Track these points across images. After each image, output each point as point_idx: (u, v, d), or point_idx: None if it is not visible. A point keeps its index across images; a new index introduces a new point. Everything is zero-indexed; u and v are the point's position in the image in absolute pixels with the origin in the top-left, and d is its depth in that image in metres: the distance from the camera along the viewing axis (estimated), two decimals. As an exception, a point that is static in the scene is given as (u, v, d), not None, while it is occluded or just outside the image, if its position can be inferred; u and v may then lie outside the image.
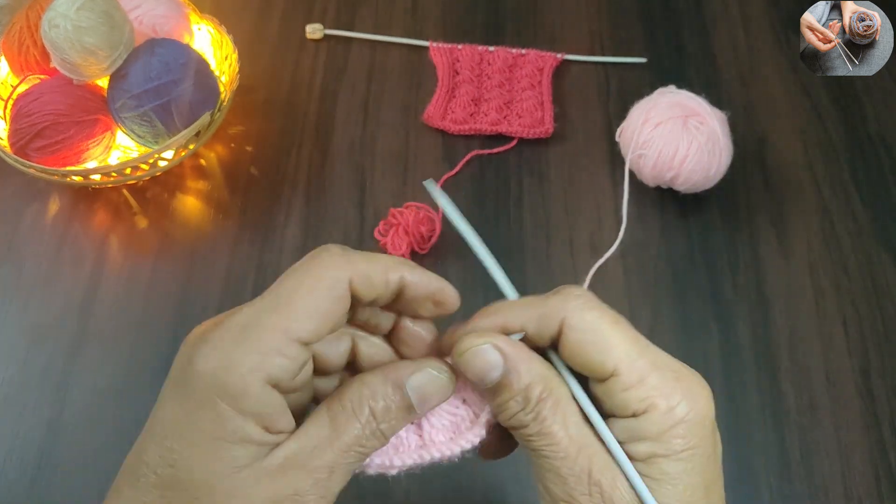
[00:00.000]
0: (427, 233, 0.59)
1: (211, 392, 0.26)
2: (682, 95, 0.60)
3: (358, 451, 0.28)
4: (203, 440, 0.26)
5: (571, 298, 0.29)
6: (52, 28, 0.55)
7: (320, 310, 0.28)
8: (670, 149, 0.58)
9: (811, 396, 0.55)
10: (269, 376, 0.26)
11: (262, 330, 0.27)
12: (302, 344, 0.27)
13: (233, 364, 0.26)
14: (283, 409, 0.27)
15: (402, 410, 0.29)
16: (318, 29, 0.73)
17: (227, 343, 0.27)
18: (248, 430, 0.26)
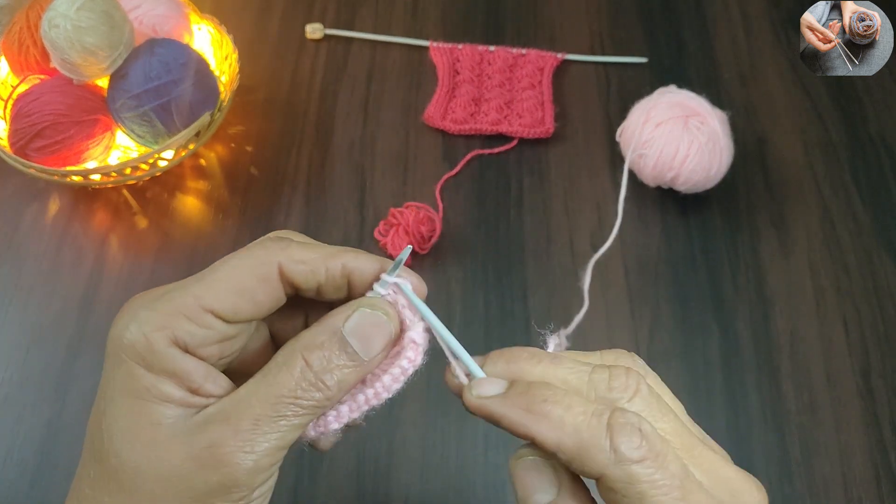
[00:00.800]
0: (427, 233, 0.59)
1: (120, 351, 0.27)
2: (682, 95, 0.60)
3: (294, 402, 0.26)
4: (120, 397, 0.27)
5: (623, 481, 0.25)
6: (52, 28, 0.55)
7: (240, 286, 0.28)
8: (671, 149, 0.58)
9: (811, 396, 0.55)
10: (175, 338, 0.27)
11: (176, 296, 0.27)
12: (216, 316, 0.27)
13: (139, 324, 0.27)
14: (207, 373, 0.27)
15: (345, 357, 0.27)
16: (318, 29, 0.73)
17: (140, 307, 0.27)
18: (165, 388, 0.26)
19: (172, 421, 0.26)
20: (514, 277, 0.60)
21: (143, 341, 0.26)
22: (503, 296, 0.59)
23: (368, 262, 0.30)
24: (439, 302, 0.59)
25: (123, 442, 0.26)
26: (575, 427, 0.25)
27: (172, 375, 0.27)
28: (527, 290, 0.59)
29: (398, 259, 0.29)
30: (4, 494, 0.51)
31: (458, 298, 0.59)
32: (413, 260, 0.60)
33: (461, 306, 0.58)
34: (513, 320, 0.58)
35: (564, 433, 0.25)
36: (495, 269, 0.60)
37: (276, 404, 0.26)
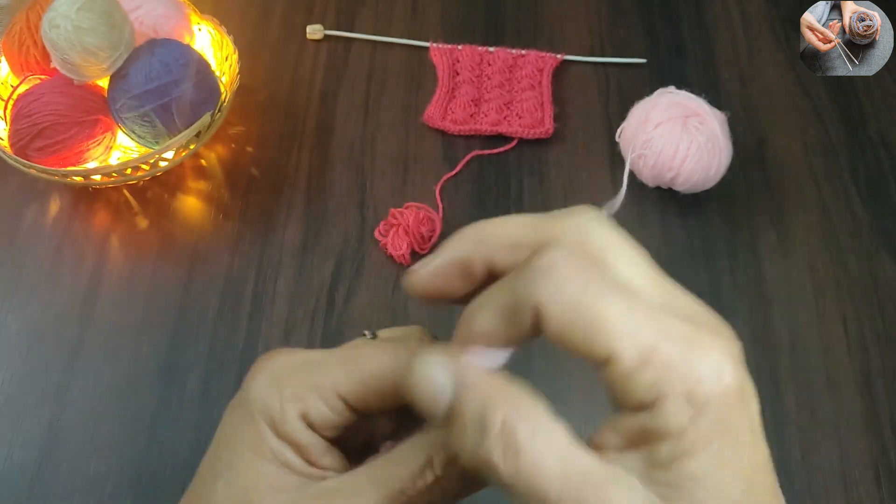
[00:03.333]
0: (427, 233, 0.59)
1: (254, 409, 0.27)
2: (681, 96, 0.60)
3: (404, 497, 0.26)
4: (247, 453, 0.27)
5: (540, 274, 0.22)
6: (52, 28, 0.55)
7: (378, 389, 0.27)
8: (670, 148, 0.58)
9: (811, 396, 0.55)
10: (306, 412, 0.27)
11: (316, 373, 0.27)
12: (346, 404, 0.27)
13: (278, 388, 0.27)
14: (325, 448, 0.27)
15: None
16: (318, 29, 0.73)
17: (281, 372, 0.27)
18: (287, 455, 0.27)
19: (291, 489, 0.26)
20: (514, 277, 0.60)
21: (278, 408, 0.27)
22: (503, 296, 0.59)
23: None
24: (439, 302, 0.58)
25: (241, 499, 0.26)
26: (503, 295, 0.23)
27: (296, 446, 0.27)
28: (527, 290, 0.59)
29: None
30: (5, 494, 0.51)
31: (459, 298, 0.59)
32: (413, 260, 0.60)
33: (461, 306, 0.58)
34: (513, 320, 0.58)
35: (500, 312, 0.23)
36: (495, 269, 0.60)
37: (387, 495, 0.26)
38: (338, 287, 0.59)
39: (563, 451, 0.21)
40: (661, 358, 0.21)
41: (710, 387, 0.21)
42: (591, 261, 0.23)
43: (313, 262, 0.61)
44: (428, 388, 0.23)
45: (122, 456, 0.52)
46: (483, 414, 0.22)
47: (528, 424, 0.21)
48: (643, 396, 0.21)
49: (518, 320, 0.23)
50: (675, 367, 0.21)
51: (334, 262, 0.61)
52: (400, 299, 0.59)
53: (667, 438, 0.21)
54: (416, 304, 0.58)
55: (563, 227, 0.24)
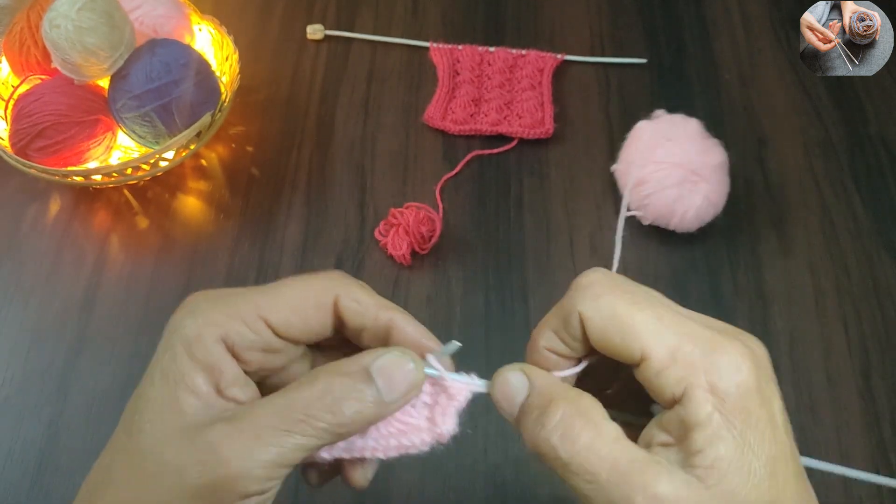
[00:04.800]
0: (427, 233, 0.59)
1: (173, 336, 0.28)
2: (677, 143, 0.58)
3: (303, 420, 0.26)
4: (159, 378, 0.28)
5: (581, 290, 0.28)
6: (52, 28, 0.55)
7: (297, 305, 0.30)
8: (667, 211, 0.58)
9: (811, 396, 0.55)
10: (225, 335, 0.28)
11: (237, 300, 0.29)
12: (269, 327, 0.29)
13: (195, 316, 0.28)
14: (238, 377, 0.29)
15: (367, 391, 0.28)
16: (318, 29, 0.73)
17: (203, 302, 0.29)
18: (196, 380, 0.28)
19: (192, 412, 0.27)
20: (514, 277, 0.60)
21: (195, 331, 0.28)
22: (503, 296, 0.59)
23: (414, 328, 0.31)
24: (439, 302, 0.59)
25: (148, 421, 0.27)
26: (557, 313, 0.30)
27: (208, 369, 0.28)
28: (527, 290, 0.59)
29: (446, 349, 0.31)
30: (5, 494, 0.51)
31: (458, 298, 0.59)
32: (413, 260, 0.60)
33: (461, 306, 0.59)
34: (513, 320, 0.58)
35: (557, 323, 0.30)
36: (495, 269, 0.60)
37: (285, 418, 0.26)
38: (338, 287, 0.59)
39: (614, 441, 0.26)
40: (685, 356, 0.26)
41: (730, 379, 0.25)
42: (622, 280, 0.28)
43: (313, 262, 0.61)
44: (507, 390, 0.29)
45: (123, 456, 0.52)
46: (547, 407, 0.27)
47: (585, 418, 0.26)
48: (674, 390, 0.26)
49: (569, 331, 0.29)
50: (699, 364, 0.26)
51: (334, 261, 0.61)
52: (400, 299, 0.59)
53: (697, 427, 0.25)
54: (417, 304, 0.58)
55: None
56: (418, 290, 0.59)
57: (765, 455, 0.25)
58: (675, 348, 0.26)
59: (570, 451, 0.26)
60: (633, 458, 0.25)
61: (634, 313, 0.27)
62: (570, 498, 0.54)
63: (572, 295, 0.29)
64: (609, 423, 0.26)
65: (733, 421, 0.25)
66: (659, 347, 0.26)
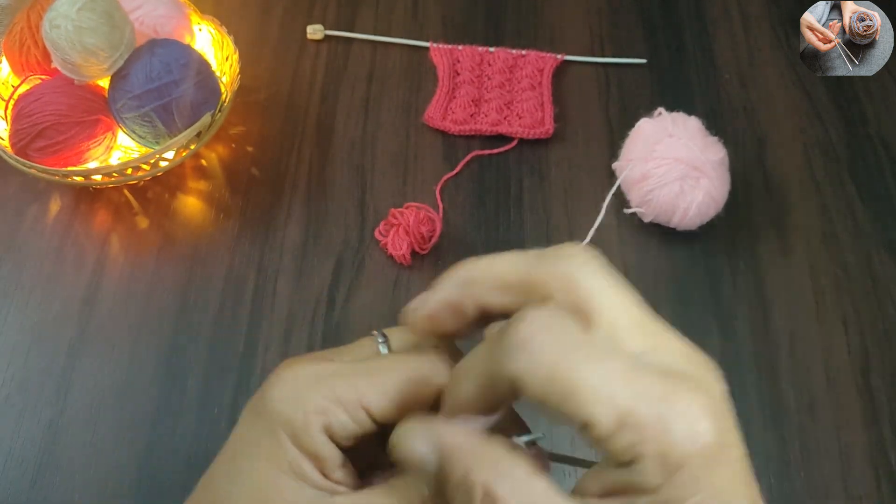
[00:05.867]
0: (427, 233, 0.59)
1: (276, 420, 0.27)
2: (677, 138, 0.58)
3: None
4: (264, 464, 0.27)
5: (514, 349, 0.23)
6: (53, 28, 0.55)
7: (398, 399, 0.28)
8: (668, 209, 0.58)
9: (811, 396, 0.55)
10: (328, 425, 0.27)
11: (339, 384, 0.27)
12: (369, 415, 0.28)
13: (301, 401, 0.27)
14: (341, 461, 0.28)
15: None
16: (318, 30, 0.73)
17: (304, 381, 0.28)
18: (304, 466, 0.27)
19: (306, 501, 0.27)
20: (514, 277, 0.60)
21: (301, 420, 0.27)
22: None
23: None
24: (439, 302, 0.59)
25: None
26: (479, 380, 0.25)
27: (315, 458, 0.27)
28: (527, 290, 0.59)
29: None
30: (5, 494, 0.51)
31: (459, 298, 0.59)
32: (413, 260, 0.60)
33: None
34: (513, 320, 0.58)
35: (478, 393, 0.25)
36: (495, 269, 0.60)
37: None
38: (338, 287, 0.59)
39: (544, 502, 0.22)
40: (636, 421, 0.22)
41: (686, 447, 0.22)
42: (569, 320, 0.24)
43: (313, 262, 0.61)
44: (412, 458, 0.25)
45: (122, 456, 0.52)
46: (466, 480, 0.23)
47: (508, 484, 0.23)
48: (621, 457, 0.22)
49: (497, 391, 0.25)
50: (650, 429, 0.22)
51: (334, 262, 0.61)
52: (400, 299, 0.59)
53: (644, 493, 0.22)
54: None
55: (551, 272, 0.25)
56: (418, 290, 0.59)
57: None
58: (625, 412, 0.22)
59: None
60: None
61: (577, 374, 0.23)
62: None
63: (506, 351, 0.23)
64: (535, 479, 0.23)
65: (684, 493, 0.22)
66: (604, 413, 0.22)
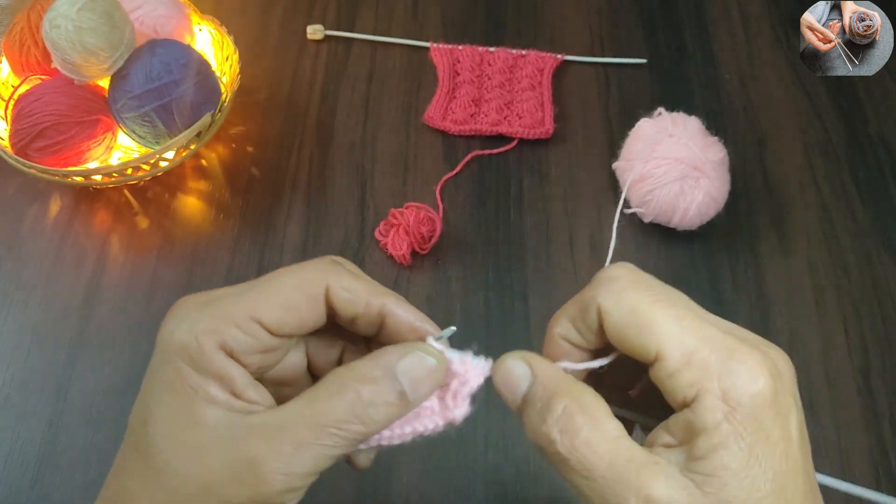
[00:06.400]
0: (427, 233, 0.59)
1: (170, 349, 0.28)
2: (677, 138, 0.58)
3: (336, 433, 0.27)
4: (167, 394, 0.27)
5: (604, 283, 0.28)
6: (53, 28, 0.55)
7: (287, 302, 0.29)
8: (668, 209, 0.58)
9: (811, 396, 0.55)
10: (223, 343, 0.28)
11: (227, 303, 0.28)
12: (263, 327, 0.28)
13: (190, 325, 0.28)
14: (248, 380, 0.28)
15: (394, 395, 0.28)
16: (318, 30, 0.73)
17: (193, 309, 0.28)
18: (210, 390, 0.27)
19: (215, 423, 0.27)
20: (514, 277, 0.60)
21: (194, 342, 0.27)
22: (503, 296, 0.59)
23: (406, 311, 0.31)
24: (440, 302, 0.59)
25: (167, 439, 0.27)
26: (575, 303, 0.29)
27: (218, 378, 0.27)
28: (527, 290, 0.59)
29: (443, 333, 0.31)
30: (5, 494, 0.51)
31: (458, 298, 0.59)
32: (413, 260, 0.60)
33: (461, 306, 0.59)
34: (513, 320, 0.58)
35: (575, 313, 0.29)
36: (495, 269, 0.60)
37: (320, 431, 0.27)
38: (338, 287, 0.59)
39: (614, 439, 0.25)
40: (702, 361, 0.25)
41: (744, 389, 0.25)
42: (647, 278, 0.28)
43: (313, 262, 0.61)
44: (510, 379, 0.28)
45: (123, 455, 0.52)
46: (550, 399, 0.27)
47: (586, 413, 0.26)
48: (685, 393, 0.25)
49: (586, 322, 0.28)
50: (713, 370, 0.25)
51: (334, 261, 0.61)
52: (400, 299, 0.59)
53: (704, 432, 0.24)
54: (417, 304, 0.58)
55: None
56: (418, 289, 0.59)
57: (773, 470, 0.24)
58: (692, 351, 0.25)
59: (569, 446, 0.25)
60: (631, 457, 0.25)
61: (654, 312, 0.26)
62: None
63: (594, 286, 0.28)
64: (611, 420, 0.26)
65: (742, 432, 0.24)
66: (675, 349, 0.25)
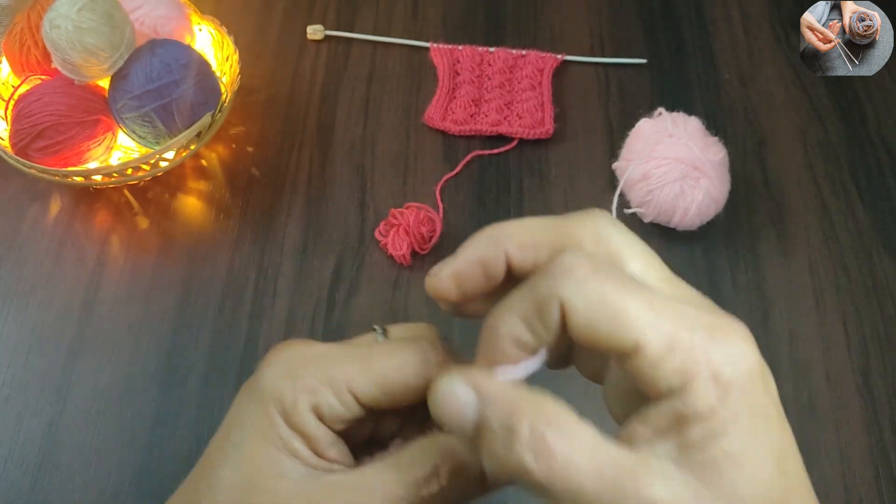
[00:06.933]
0: (428, 233, 0.59)
1: (268, 396, 0.27)
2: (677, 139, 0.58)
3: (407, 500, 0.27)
4: (255, 438, 0.27)
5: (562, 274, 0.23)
6: (53, 29, 0.55)
7: (387, 386, 0.28)
8: (668, 209, 0.58)
9: (811, 396, 0.55)
10: (317, 405, 0.27)
11: (330, 366, 0.28)
12: (357, 400, 0.28)
13: (292, 380, 0.27)
14: (333, 441, 0.28)
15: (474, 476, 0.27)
16: (318, 30, 0.73)
17: (296, 360, 0.28)
18: (295, 444, 0.27)
19: (297, 477, 0.27)
20: (514, 277, 0.60)
21: (291, 397, 0.27)
22: (503, 296, 0.59)
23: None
24: (439, 302, 0.59)
25: (247, 482, 0.27)
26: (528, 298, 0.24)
27: (305, 436, 0.27)
28: (527, 290, 0.59)
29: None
30: (5, 495, 0.51)
31: (459, 298, 0.59)
32: (413, 260, 0.60)
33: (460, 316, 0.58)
34: (513, 320, 0.58)
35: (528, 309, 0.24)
36: (495, 269, 0.60)
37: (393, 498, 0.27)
38: (338, 287, 0.59)
39: (594, 447, 0.22)
40: (685, 344, 0.22)
41: (735, 367, 0.22)
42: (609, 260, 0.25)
43: (313, 262, 0.61)
44: (453, 407, 0.24)
45: (122, 456, 0.52)
46: (510, 422, 0.22)
47: (556, 427, 0.22)
48: (671, 381, 0.22)
49: (544, 320, 0.24)
50: (700, 352, 0.22)
51: (334, 262, 0.61)
52: (400, 299, 0.59)
53: (698, 420, 0.22)
54: (417, 305, 0.58)
55: (581, 226, 0.26)
56: (418, 290, 0.59)
57: (773, 448, 0.23)
58: (673, 336, 0.22)
59: (548, 472, 0.22)
60: (619, 462, 0.22)
61: (625, 300, 0.23)
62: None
63: (551, 278, 0.23)
64: (581, 425, 0.23)
65: (739, 414, 0.22)
66: (654, 337, 0.22)
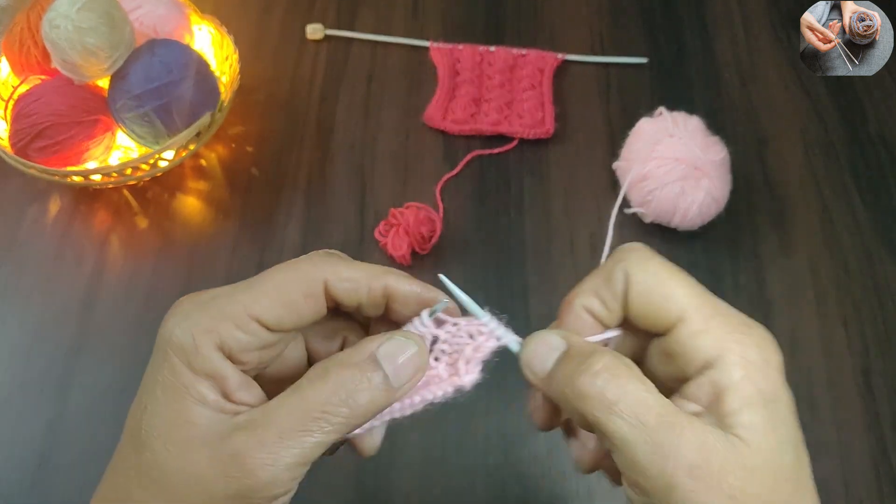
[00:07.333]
0: (427, 233, 0.59)
1: (167, 347, 0.28)
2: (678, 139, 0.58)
3: (319, 418, 0.27)
4: (161, 391, 0.28)
5: (629, 253, 0.30)
6: (52, 29, 0.55)
7: (286, 299, 0.29)
8: (669, 208, 0.58)
9: (811, 396, 0.55)
10: (221, 342, 0.28)
11: (225, 302, 0.28)
12: (262, 325, 0.28)
13: (188, 324, 0.28)
14: (242, 381, 0.28)
15: (377, 378, 0.28)
16: (318, 29, 0.73)
17: (192, 308, 0.28)
18: (202, 389, 0.27)
19: (205, 422, 0.27)
20: (514, 277, 0.60)
21: (190, 341, 0.27)
22: (503, 296, 0.59)
23: (409, 285, 0.32)
24: (439, 302, 0.59)
25: (158, 437, 0.27)
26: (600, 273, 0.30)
27: (211, 377, 0.28)
28: (527, 290, 0.59)
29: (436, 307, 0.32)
30: (5, 494, 0.51)
31: (459, 298, 0.59)
32: (413, 260, 0.60)
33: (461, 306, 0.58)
34: (513, 320, 0.58)
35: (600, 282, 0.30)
36: (495, 269, 0.60)
37: (304, 418, 0.27)
38: (338, 287, 0.59)
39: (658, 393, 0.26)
40: (720, 329, 0.27)
41: (759, 356, 0.27)
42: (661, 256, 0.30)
43: (313, 262, 0.61)
44: (543, 347, 0.29)
45: (123, 456, 0.52)
46: (588, 358, 0.27)
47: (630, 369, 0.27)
48: (708, 352, 0.27)
49: (611, 290, 0.29)
50: (731, 336, 0.27)
51: (334, 262, 0.61)
52: (400, 299, 0.59)
53: (732, 388, 0.26)
54: (417, 304, 0.58)
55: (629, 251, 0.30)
56: (418, 290, 0.59)
57: (791, 434, 0.26)
58: (711, 320, 0.28)
59: (618, 392, 0.26)
60: (677, 411, 0.26)
61: (674, 282, 0.29)
62: (569, 498, 0.54)
63: (619, 256, 0.30)
64: (645, 378, 0.27)
65: (763, 391, 0.26)
66: (696, 314, 0.28)
